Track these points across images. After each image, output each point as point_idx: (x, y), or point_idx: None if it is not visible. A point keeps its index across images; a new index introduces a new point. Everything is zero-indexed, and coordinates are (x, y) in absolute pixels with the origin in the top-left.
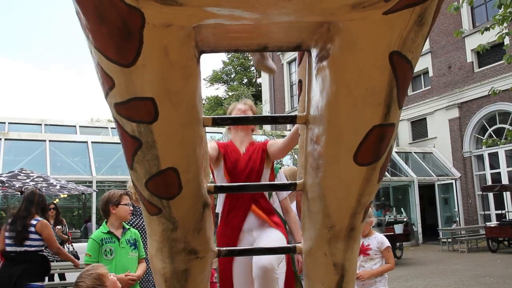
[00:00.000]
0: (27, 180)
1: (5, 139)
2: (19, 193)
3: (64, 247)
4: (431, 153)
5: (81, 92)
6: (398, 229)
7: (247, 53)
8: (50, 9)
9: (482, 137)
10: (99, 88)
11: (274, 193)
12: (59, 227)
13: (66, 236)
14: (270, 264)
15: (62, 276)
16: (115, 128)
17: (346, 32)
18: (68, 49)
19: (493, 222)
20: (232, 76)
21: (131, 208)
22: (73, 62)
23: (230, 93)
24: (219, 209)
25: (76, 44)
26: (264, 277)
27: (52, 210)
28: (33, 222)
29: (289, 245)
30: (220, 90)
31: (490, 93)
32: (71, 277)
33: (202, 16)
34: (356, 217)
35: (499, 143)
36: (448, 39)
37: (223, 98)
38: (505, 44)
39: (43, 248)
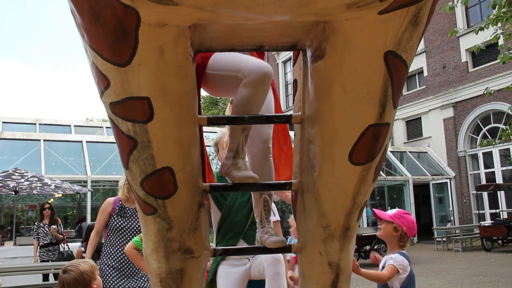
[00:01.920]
0: (22, 180)
1: None
2: (13, 192)
3: (59, 247)
4: (426, 152)
5: (76, 92)
6: None
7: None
8: (45, 8)
9: (476, 137)
10: (93, 87)
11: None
12: (54, 226)
13: (61, 236)
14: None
15: (57, 276)
16: (110, 127)
17: (341, 32)
18: (62, 49)
19: (487, 221)
20: None
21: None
22: (67, 61)
23: None
24: None
25: (70, 44)
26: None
27: (47, 209)
28: None
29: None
30: None
31: (485, 93)
32: None
33: (197, 15)
34: (351, 217)
35: (494, 143)
36: (443, 38)
37: (218, 98)
38: (499, 44)
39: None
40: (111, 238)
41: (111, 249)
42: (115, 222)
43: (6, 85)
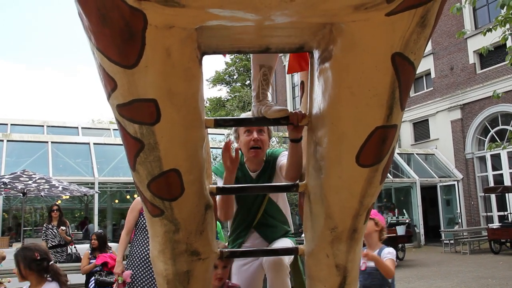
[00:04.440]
0: (30, 182)
1: (8, 141)
2: (21, 194)
3: (67, 249)
4: (433, 154)
5: (83, 94)
6: (400, 230)
7: (250, 54)
8: (50, 7)
9: (484, 139)
10: (100, 89)
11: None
12: (63, 228)
13: (70, 238)
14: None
15: None
16: (117, 129)
17: (348, 34)
18: (69, 51)
19: (496, 224)
20: (235, 77)
21: None
22: (74, 63)
23: (232, 95)
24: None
25: (78, 47)
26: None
27: (55, 211)
28: None
29: (291, 246)
30: (222, 91)
31: (493, 96)
32: (73, 278)
33: (204, 17)
34: (358, 219)
35: (502, 146)
36: (451, 40)
37: (225, 100)
38: (507, 46)
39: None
40: (138, 238)
41: (138, 249)
42: (145, 221)
43: (14, 87)
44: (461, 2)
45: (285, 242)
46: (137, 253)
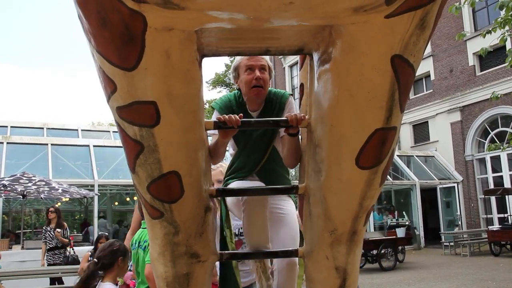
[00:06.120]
0: (29, 184)
1: (7, 143)
2: (21, 196)
3: (65, 251)
4: (433, 156)
5: (83, 96)
6: (400, 232)
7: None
8: (50, 7)
9: (484, 141)
10: (100, 91)
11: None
12: (58, 230)
13: (67, 240)
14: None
15: (59, 280)
16: (117, 131)
17: (348, 36)
18: (69, 53)
19: (496, 226)
20: None
21: None
22: (74, 66)
23: None
24: None
25: (75, 49)
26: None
27: (50, 213)
28: None
29: (291, 249)
30: (222, 93)
31: (491, 97)
32: (70, 281)
33: (203, 20)
34: (358, 221)
35: (502, 147)
36: (450, 42)
37: None
38: (507, 49)
39: None
40: None
41: None
42: None
43: (14, 90)
44: (460, 2)
45: (291, 207)
46: None
